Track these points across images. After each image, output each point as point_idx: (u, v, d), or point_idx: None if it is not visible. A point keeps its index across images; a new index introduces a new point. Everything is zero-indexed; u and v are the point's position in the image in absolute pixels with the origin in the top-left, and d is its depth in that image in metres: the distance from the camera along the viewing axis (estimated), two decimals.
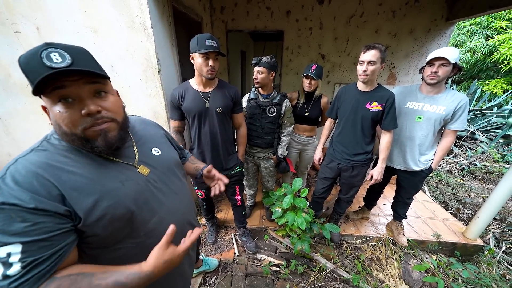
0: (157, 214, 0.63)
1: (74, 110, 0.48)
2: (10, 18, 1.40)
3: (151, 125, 0.80)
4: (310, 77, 1.69)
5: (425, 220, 2.19)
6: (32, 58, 0.43)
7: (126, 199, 0.56)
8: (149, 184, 0.63)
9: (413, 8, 2.34)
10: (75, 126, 0.48)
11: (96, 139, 0.51)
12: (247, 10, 2.49)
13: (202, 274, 1.61)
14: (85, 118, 0.49)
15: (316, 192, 1.86)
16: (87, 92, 0.49)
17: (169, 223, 0.64)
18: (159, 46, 1.43)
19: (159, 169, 0.68)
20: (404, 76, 2.66)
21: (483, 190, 3.03)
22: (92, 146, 0.52)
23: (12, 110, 1.71)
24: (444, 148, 1.49)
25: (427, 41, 2.47)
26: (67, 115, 0.47)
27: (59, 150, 0.52)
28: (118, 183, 0.56)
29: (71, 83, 0.46)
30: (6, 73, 1.57)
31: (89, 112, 0.48)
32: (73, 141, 0.51)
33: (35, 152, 0.50)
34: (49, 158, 0.50)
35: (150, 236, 0.61)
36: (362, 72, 1.33)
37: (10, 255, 0.41)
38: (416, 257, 1.84)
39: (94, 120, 0.50)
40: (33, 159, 0.48)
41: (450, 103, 1.37)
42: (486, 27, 6.38)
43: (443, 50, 1.28)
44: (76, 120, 0.48)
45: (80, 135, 0.50)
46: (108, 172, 0.56)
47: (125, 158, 0.62)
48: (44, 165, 0.48)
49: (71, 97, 0.47)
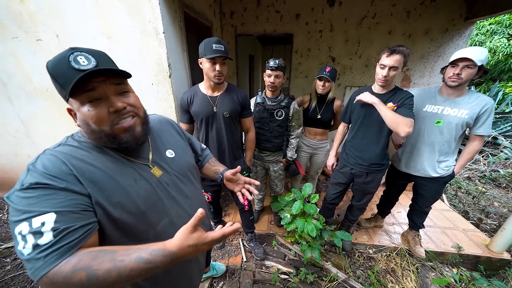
0: (167, 217, 0.63)
1: (102, 108, 0.51)
2: (33, 27, 1.48)
3: (168, 124, 0.80)
4: (324, 79, 1.65)
5: (444, 230, 2.05)
6: (60, 62, 0.47)
7: (137, 197, 0.57)
8: (160, 186, 0.63)
9: (429, 7, 2.25)
10: (103, 123, 0.52)
11: (123, 135, 0.55)
12: (257, 14, 2.50)
13: (209, 280, 1.59)
14: (112, 115, 0.52)
15: (328, 198, 1.80)
16: (112, 91, 0.53)
17: (178, 227, 0.63)
18: (170, 51, 1.45)
19: (172, 172, 0.68)
20: (419, 79, 2.55)
21: (508, 199, 2.82)
22: (120, 142, 0.55)
23: (32, 113, 1.80)
24: (470, 151, 1.39)
25: (444, 42, 2.36)
26: (96, 113, 0.51)
27: (82, 146, 0.56)
28: (132, 181, 0.58)
29: (98, 84, 0.50)
30: (28, 78, 1.66)
31: (116, 109, 0.52)
32: (100, 139, 0.54)
33: (62, 146, 0.55)
34: (73, 151, 0.54)
35: (159, 239, 0.60)
36: (382, 77, 1.27)
37: (44, 224, 0.43)
38: (435, 270, 1.73)
39: (120, 115, 0.54)
40: (60, 151, 0.53)
41: (473, 107, 1.28)
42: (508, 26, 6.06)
43: (469, 50, 1.18)
44: (104, 117, 0.51)
45: (108, 132, 0.53)
46: (124, 169, 0.58)
47: (140, 158, 0.63)
48: (68, 156, 0.52)
49: (99, 97, 0.51)
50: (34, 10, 1.43)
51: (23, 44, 1.54)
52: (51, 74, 0.48)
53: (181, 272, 0.72)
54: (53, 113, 1.77)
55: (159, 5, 1.31)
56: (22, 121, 1.85)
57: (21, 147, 1.97)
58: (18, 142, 1.95)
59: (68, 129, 1.81)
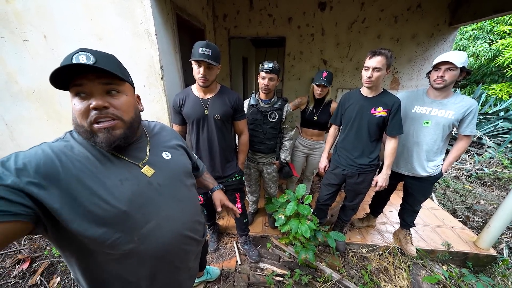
0: (154, 219, 0.61)
1: (85, 103, 0.53)
2: (19, 27, 1.44)
3: (170, 132, 0.82)
4: (322, 85, 1.70)
5: (434, 228, 2.11)
6: (66, 60, 0.51)
7: (120, 198, 0.56)
8: (150, 187, 0.62)
9: (415, 13, 2.34)
10: (84, 118, 0.53)
11: (99, 135, 0.55)
12: (249, 18, 2.53)
13: (203, 284, 1.56)
14: (92, 111, 0.53)
15: (320, 199, 1.82)
16: (99, 89, 0.54)
17: (166, 231, 0.63)
18: (162, 52, 1.44)
19: (166, 173, 0.67)
20: (408, 81, 2.64)
21: (493, 197, 2.93)
22: (94, 141, 0.55)
23: (17, 116, 1.73)
24: (458, 149, 1.45)
25: (431, 46, 2.45)
26: (79, 107, 0.53)
27: (77, 142, 0.57)
28: (118, 181, 0.57)
29: (88, 81, 0.52)
30: (13, 80, 1.60)
31: (95, 106, 0.52)
32: (81, 133, 0.55)
33: (59, 141, 0.57)
34: (67, 147, 0.55)
35: (143, 242, 0.58)
36: (367, 79, 1.32)
37: None
38: (426, 267, 1.76)
39: (99, 114, 0.54)
40: (54, 145, 0.54)
41: (459, 108, 1.34)
42: (489, 31, 6.36)
43: (449, 54, 1.26)
44: (85, 112, 0.53)
45: (87, 128, 0.54)
46: (112, 168, 0.58)
47: (132, 157, 0.63)
48: (60, 152, 0.53)
49: (85, 92, 0.53)
50: (21, 9, 1.39)
51: (8, 44, 1.49)
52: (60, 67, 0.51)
53: (169, 281, 0.69)
54: (40, 116, 1.71)
55: (151, 7, 1.31)
56: (7, 123, 1.77)
57: (5, 151, 1.89)
58: (2, 145, 1.87)
59: (56, 131, 1.75)
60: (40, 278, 1.59)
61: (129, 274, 0.59)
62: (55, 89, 0.52)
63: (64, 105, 1.65)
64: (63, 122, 1.72)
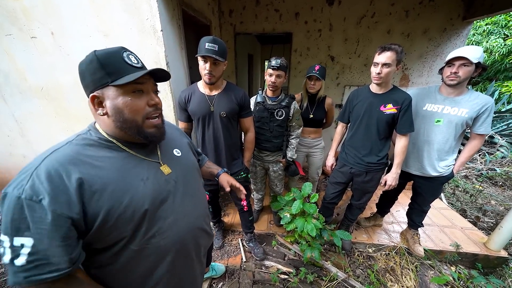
0: (172, 215, 0.63)
1: (142, 100, 0.57)
2: (27, 24, 1.45)
3: (176, 129, 0.85)
4: (314, 77, 1.65)
5: (442, 228, 2.07)
6: (113, 55, 0.53)
7: (143, 197, 0.57)
8: (168, 184, 0.64)
9: (428, 7, 2.25)
10: (138, 114, 0.57)
11: (152, 130, 0.60)
12: (256, 13, 2.48)
13: (208, 280, 1.58)
14: (149, 108, 0.58)
15: (327, 197, 1.80)
16: (152, 89, 0.61)
17: (182, 226, 0.66)
18: (168, 49, 1.43)
19: (179, 170, 0.70)
20: (418, 78, 2.56)
21: (505, 197, 2.85)
22: (146, 136, 0.59)
23: (27, 113, 1.76)
24: (471, 149, 1.40)
25: (443, 41, 2.36)
26: (135, 103, 0.56)
27: (93, 146, 0.56)
28: (140, 181, 0.58)
29: (144, 79, 0.57)
30: (22, 77, 1.62)
31: (156, 103, 0.60)
32: (129, 129, 0.57)
33: (69, 145, 0.54)
34: (80, 152, 0.53)
35: (164, 237, 0.61)
36: (376, 75, 1.28)
37: (23, 246, 0.43)
38: (434, 268, 1.73)
39: (154, 110, 0.60)
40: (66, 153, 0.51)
41: (473, 106, 1.28)
42: (504, 26, 6.11)
43: (464, 49, 1.20)
44: (141, 108, 0.57)
45: (140, 123, 0.57)
46: (133, 169, 0.59)
47: (151, 156, 0.65)
48: (74, 159, 0.51)
49: (143, 90, 0.57)
50: (29, 6, 1.40)
51: (17, 41, 1.51)
52: (100, 61, 0.51)
53: (186, 273, 0.71)
54: (48, 112, 1.73)
55: (156, 3, 1.29)
56: (17, 120, 1.81)
57: (15, 147, 1.93)
58: (12, 142, 1.91)
59: (64, 128, 1.77)
60: None
61: (150, 268, 0.61)
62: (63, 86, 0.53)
63: (72, 103, 1.66)
64: (71, 119, 1.73)
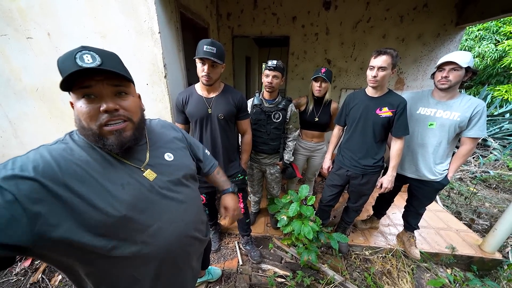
0: (157, 222, 0.60)
1: (94, 106, 0.51)
2: (23, 25, 1.44)
3: (170, 129, 0.80)
4: (321, 79, 1.64)
5: (438, 231, 2.08)
6: (68, 58, 0.48)
7: (121, 202, 0.54)
8: (153, 190, 0.61)
9: (422, 13, 2.31)
10: (92, 121, 0.51)
11: (109, 137, 0.53)
12: (253, 16, 2.51)
13: (204, 284, 1.55)
14: (102, 114, 0.52)
15: (323, 200, 1.80)
16: (109, 91, 0.53)
17: (169, 233, 0.62)
18: (166, 51, 1.43)
19: (168, 175, 0.67)
20: (413, 82, 2.61)
21: (498, 199, 2.89)
22: (104, 144, 0.54)
23: (21, 113, 1.74)
24: (460, 156, 1.41)
25: (436, 46, 2.42)
26: (87, 110, 0.51)
27: (77, 145, 0.55)
28: (119, 186, 0.56)
29: (96, 82, 0.51)
30: (17, 77, 1.60)
31: (107, 109, 0.51)
32: (87, 136, 0.53)
33: (58, 144, 0.54)
34: (66, 150, 0.53)
35: (147, 245, 0.58)
36: (372, 78, 1.30)
37: None
38: (430, 270, 1.74)
39: (111, 117, 0.53)
40: (53, 148, 0.52)
41: (465, 109, 1.30)
42: (495, 32, 6.28)
43: (453, 55, 1.24)
44: (94, 115, 0.51)
45: (96, 131, 0.52)
46: (113, 173, 0.56)
47: (135, 160, 0.62)
48: (59, 156, 0.51)
49: (93, 94, 0.51)
50: (25, 7, 1.39)
51: (12, 42, 1.49)
52: (58, 68, 0.49)
53: (173, 281, 0.68)
54: (43, 114, 1.71)
55: (154, 5, 1.29)
56: (10, 121, 1.78)
57: (9, 148, 1.90)
58: (5, 143, 1.87)
59: (59, 129, 1.75)
60: (41, 276, 1.60)
61: (133, 275, 0.59)
62: (58, 87, 0.51)
63: (67, 103, 1.64)
64: (66, 120, 1.71)
